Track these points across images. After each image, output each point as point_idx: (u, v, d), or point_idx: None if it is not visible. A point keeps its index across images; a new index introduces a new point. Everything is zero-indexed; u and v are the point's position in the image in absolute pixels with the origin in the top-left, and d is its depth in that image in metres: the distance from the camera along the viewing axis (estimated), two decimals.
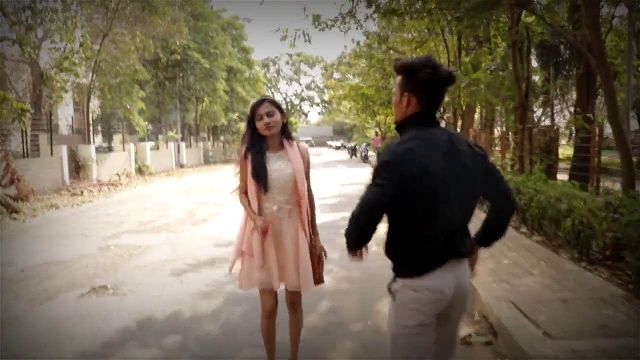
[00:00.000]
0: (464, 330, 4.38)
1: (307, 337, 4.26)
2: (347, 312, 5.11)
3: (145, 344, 4.44)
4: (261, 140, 3.33)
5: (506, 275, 5.52)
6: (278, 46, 65.91)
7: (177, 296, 5.73)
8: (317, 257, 3.44)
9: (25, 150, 18.49)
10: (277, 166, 3.33)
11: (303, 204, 3.36)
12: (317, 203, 3.60)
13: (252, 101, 3.39)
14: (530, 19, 10.46)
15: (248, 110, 3.37)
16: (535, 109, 29.27)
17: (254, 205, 3.34)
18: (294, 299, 3.53)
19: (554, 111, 28.26)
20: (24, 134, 18.56)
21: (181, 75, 33.49)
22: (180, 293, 5.85)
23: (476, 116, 21.94)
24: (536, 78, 25.16)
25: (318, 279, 3.46)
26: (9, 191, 14.04)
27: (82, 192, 17.59)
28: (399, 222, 2.26)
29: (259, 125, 3.27)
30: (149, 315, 5.11)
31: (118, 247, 8.40)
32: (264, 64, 61.93)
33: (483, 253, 6.27)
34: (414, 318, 2.26)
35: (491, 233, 2.49)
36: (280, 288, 3.46)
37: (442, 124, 15.40)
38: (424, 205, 2.19)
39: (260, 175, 3.29)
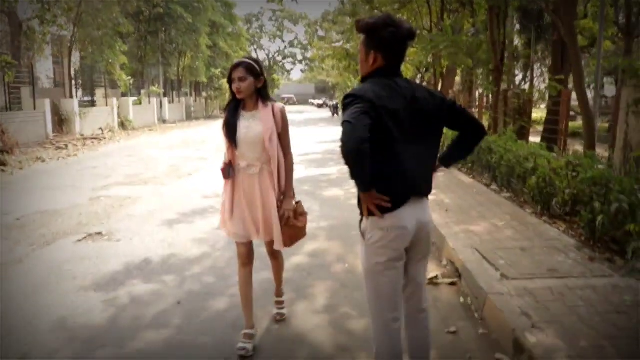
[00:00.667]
0: (432, 272, 4.88)
1: (290, 276, 4.74)
2: (328, 256, 5.58)
3: (147, 280, 4.88)
4: (237, 100, 3.44)
5: (473, 225, 6.01)
6: (261, 1, 64.82)
7: (169, 242, 6.16)
8: (284, 219, 3.47)
9: (7, 104, 18.50)
10: (247, 124, 3.43)
11: (272, 163, 3.43)
12: (298, 159, 3.90)
13: (235, 61, 3.46)
14: None
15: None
16: (517, 72, 29.68)
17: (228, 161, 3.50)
18: (270, 249, 3.65)
19: (535, 75, 28.69)
20: (7, 86, 18.54)
21: (164, 29, 33.15)
22: (172, 239, 6.27)
23: (457, 79, 22.34)
24: (517, 42, 25.49)
25: (286, 241, 3.50)
26: None
27: (66, 146, 17.75)
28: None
29: (233, 87, 3.39)
30: (144, 257, 5.54)
31: (108, 198, 8.75)
32: (247, 19, 61.17)
33: (453, 206, 6.74)
34: (383, 255, 2.48)
35: (456, 153, 2.76)
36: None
37: (424, 84, 15.75)
38: (387, 143, 2.37)
39: (229, 132, 3.44)
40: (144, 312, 4.12)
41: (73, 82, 23.38)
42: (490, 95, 13.02)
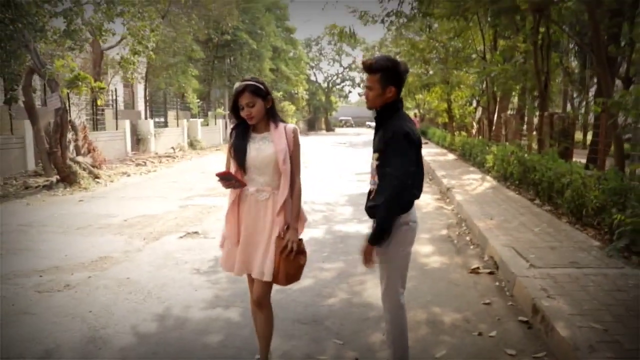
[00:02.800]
0: (475, 264, 5.93)
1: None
2: None
3: None
4: (246, 121, 3.26)
5: (513, 231, 6.99)
6: (320, 25, 67.01)
7: None
8: (282, 249, 3.18)
9: (94, 124, 20.54)
10: (257, 146, 3.23)
11: (284, 186, 3.20)
12: (354, 177, 4.76)
13: (236, 85, 3.28)
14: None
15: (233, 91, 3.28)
16: (575, 94, 30.04)
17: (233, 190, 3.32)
18: (259, 293, 3.30)
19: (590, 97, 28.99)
20: (94, 109, 20.62)
21: (230, 54, 35.14)
22: None
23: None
24: (575, 62, 26.01)
25: (279, 276, 3.19)
26: (86, 160, 15.92)
27: (145, 163, 19.51)
28: None
29: (242, 114, 3.22)
30: None
31: (196, 206, 10.13)
32: (306, 43, 63.21)
33: (497, 216, 7.72)
34: (410, 243, 3.19)
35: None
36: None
37: (479, 109, 16.83)
38: (417, 162, 3.08)
39: (237, 154, 3.23)
40: (241, 287, 5.30)
41: (149, 105, 25.42)
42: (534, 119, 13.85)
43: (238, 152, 3.22)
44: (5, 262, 6.24)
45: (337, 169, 17.37)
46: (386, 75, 3.05)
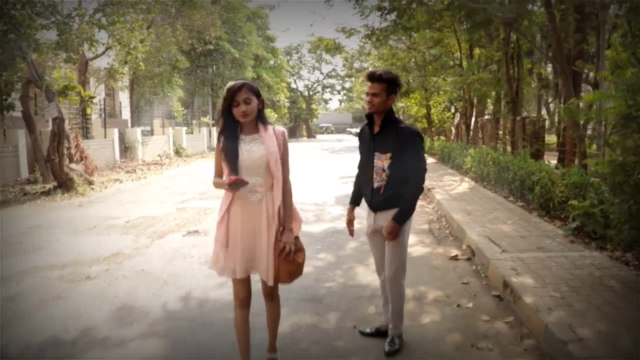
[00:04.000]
0: (454, 253, 6.65)
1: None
2: None
3: None
4: (235, 123, 3.26)
5: (488, 224, 7.72)
6: (299, 33, 67.91)
7: None
8: (280, 251, 3.28)
9: (84, 133, 20.99)
10: (248, 147, 3.25)
11: (277, 187, 3.27)
12: (339, 180, 5.28)
13: (230, 84, 3.24)
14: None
15: (225, 91, 3.24)
16: (550, 99, 31.13)
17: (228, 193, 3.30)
18: (268, 289, 3.44)
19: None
20: (84, 117, 21.08)
21: (213, 64, 35.70)
22: None
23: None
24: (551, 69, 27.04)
25: (280, 276, 3.31)
26: (78, 167, 16.38)
27: (134, 170, 20.00)
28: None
29: (236, 111, 3.21)
30: None
31: (192, 209, 10.72)
32: (286, 51, 63.93)
33: (474, 211, 8.43)
34: (410, 228, 3.88)
35: None
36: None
37: (457, 115, 17.75)
38: None
39: (229, 157, 3.22)
40: None
41: (135, 114, 25.90)
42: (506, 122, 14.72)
43: (230, 154, 3.22)
44: (25, 260, 6.79)
45: (322, 173, 18.03)
46: (390, 86, 3.67)
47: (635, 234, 4.83)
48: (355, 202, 4.17)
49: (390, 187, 3.71)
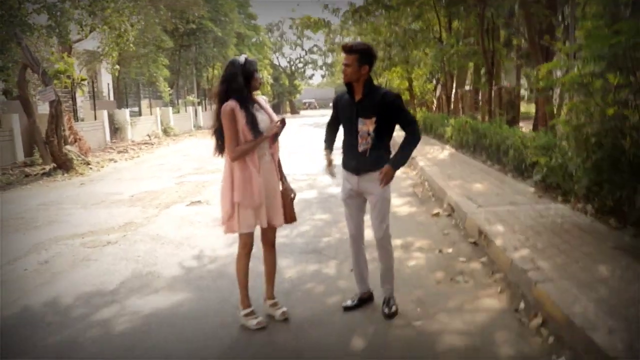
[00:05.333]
0: (436, 210, 7.41)
1: None
2: None
3: None
4: (248, 95, 3.78)
5: (466, 185, 8.48)
6: (280, 9, 67.92)
7: None
8: (289, 198, 4.01)
9: (75, 114, 21.38)
10: (260, 117, 3.79)
11: (277, 148, 3.97)
12: (323, 152, 4.42)
13: (250, 59, 3.80)
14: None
15: (242, 67, 3.73)
16: (529, 69, 31.96)
17: (253, 154, 3.78)
18: (272, 236, 4.09)
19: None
20: (73, 100, 21.47)
21: (196, 43, 35.94)
22: None
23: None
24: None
25: (290, 217, 4.03)
26: (73, 149, 16.87)
27: (126, 150, 20.50)
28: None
29: (255, 83, 3.79)
30: None
31: (190, 183, 11.35)
32: (268, 28, 63.97)
33: (454, 175, 9.16)
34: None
35: None
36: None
37: (439, 87, 18.47)
38: None
39: (255, 125, 3.71)
40: None
41: (124, 95, 26.26)
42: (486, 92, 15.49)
43: (255, 123, 3.71)
44: (44, 232, 7.42)
45: (309, 146, 18.68)
46: (362, 56, 3.84)
47: (588, 184, 5.58)
48: (329, 147, 4.42)
49: (375, 150, 3.93)
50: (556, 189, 7.33)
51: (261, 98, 3.98)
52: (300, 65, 72.25)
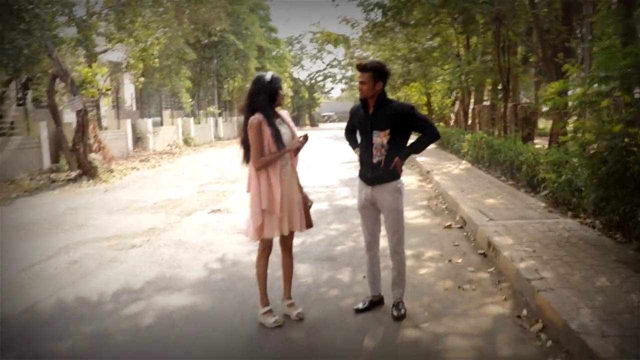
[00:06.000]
0: (448, 222, 7.64)
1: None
2: None
3: None
4: (272, 111, 4.05)
5: (479, 199, 8.70)
6: (300, 23, 68.57)
7: None
8: (306, 205, 4.32)
9: (99, 124, 21.97)
10: (283, 130, 4.07)
11: (296, 160, 4.23)
12: (344, 165, 5.65)
13: (276, 76, 4.06)
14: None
15: (268, 84, 4.01)
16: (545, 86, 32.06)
17: (276, 165, 4.04)
18: (290, 242, 4.37)
19: None
20: (98, 110, 22.06)
21: (217, 55, 36.56)
22: None
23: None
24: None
25: (309, 224, 4.35)
26: (97, 157, 17.37)
27: (148, 159, 21.01)
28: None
29: (280, 100, 4.06)
30: None
31: (211, 192, 11.70)
32: (288, 42, 64.63)
33: (468, 190, 9.43)
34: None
35: None
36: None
37: (457, 103, 18.76)
38: None
39: (279, 138, 3.98)
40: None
41: (146, 105, 26.86)
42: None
43: (279, 137, 3.98)
44: (72, 235, 7.79)
45: (327, 159, 18.99)
46: (375, 74, 4.08)
47: (596, 199, 5.78)
48: (357, 146, 4.50)
49: (389, 161, 4.13)
50: (566, 204, 7.52)
51: (284, 112, 4.23)
52: (320, 78, 72.76)
